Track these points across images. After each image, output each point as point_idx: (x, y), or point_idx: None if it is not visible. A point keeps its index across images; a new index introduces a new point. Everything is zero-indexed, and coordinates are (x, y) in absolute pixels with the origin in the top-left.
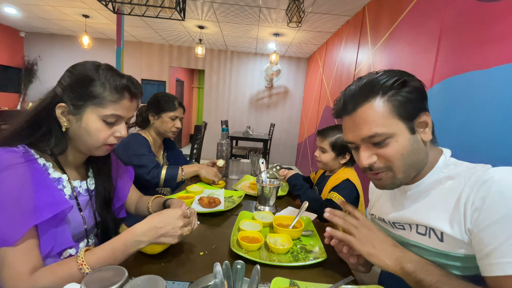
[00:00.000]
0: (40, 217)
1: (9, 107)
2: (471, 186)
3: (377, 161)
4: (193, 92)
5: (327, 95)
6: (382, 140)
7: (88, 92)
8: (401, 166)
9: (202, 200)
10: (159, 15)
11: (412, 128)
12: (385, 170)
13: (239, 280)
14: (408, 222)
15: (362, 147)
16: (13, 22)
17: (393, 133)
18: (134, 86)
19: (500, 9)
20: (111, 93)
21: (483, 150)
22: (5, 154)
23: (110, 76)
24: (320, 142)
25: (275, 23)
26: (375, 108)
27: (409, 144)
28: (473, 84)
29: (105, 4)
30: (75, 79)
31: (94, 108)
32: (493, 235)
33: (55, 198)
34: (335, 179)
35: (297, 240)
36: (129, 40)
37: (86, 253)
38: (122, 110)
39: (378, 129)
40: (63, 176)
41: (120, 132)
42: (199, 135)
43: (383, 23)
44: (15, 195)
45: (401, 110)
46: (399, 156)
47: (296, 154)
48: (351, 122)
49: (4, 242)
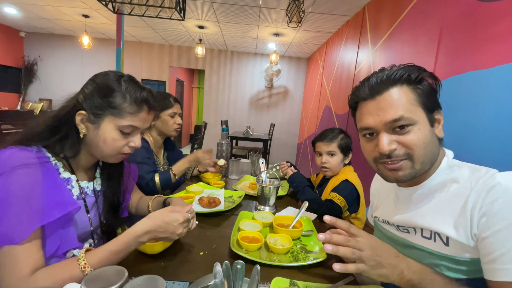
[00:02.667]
0: (48, 217)
1: (9, 107)
2: (478, 192)
3: (397, 147)
4: (193, 92)
5: (327, 95)
6: (406, 125)
7: (108, 103)
8: (421, 155)
9: (202, 200)
10: (159, 15)
11: (432, 121)
12: (404, 159)
13: (239, 280)
14: (413, 226)
15: (383, 133)
16: (13, 22)
17: (417, 121)
18: (153, 99)
19: (500, 9)
20: (131, 105)
21: (483, 150)
22: (19, 152)
23: (131, 88)
24: (327, 146)
25: (275, 23)
26: (402, 92)
27: (429, 135)
28: (473, 84)
29: (105, 4)
30: (97, 89)
31: (112, 118)
32: (501, 241)
33: (64, 198)
34: (335, 180)
35: (297, 240)
36: (129, 40)
37: (87, 254)
38: (139, 121)
39: (404, 113)
40: (72, 176)
41: (135, 143)
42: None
43: (383, 23)
44: (25, 193)
45: (425, 100)
46: (421, 144)
47: (296, 154)
48: (374, 106)
49: (10, 240)
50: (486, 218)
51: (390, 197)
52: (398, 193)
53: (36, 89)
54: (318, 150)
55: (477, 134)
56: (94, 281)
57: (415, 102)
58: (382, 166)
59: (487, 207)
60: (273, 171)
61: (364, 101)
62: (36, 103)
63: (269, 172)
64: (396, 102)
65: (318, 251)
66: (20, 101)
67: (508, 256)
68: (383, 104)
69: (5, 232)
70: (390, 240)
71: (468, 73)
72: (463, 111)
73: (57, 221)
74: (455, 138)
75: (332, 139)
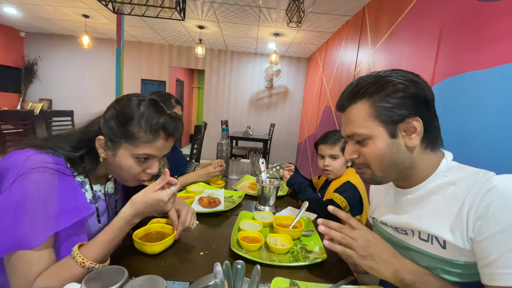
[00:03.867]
0: (64, 223)
1: (9, 107)
2: (474, 195)
3: (358, 157)
4: (193, 92)
5: (327, 95)
6: (362, 140)
7: (124, 132)
8: (378, 166)
9: (202, 200)
10: (159, 15)
11: (393, 133)
12: (364, 167)
13: (239, 280)
14: (410, 228)
15: (349, 143)
16: (13, 22)
17: (372, 135)
18: (172, 126)
19: (500, 9)
20: (146, 134)
21: (483, 150)
22: (36, 155)
23: (148, 115)
24: (330, 149)
25: (275, 23)
26: (358, 110)
27: (386, 147)
28: (473, 84)
29: (105, 4)
30: (116, 115)
31: (128, 146)
32: (496, 245)
33: (79, 203)
34: (338, 182)
35: (297, 240)
36: (129, 40)
37: (81, 249)
38: (155, 150)
39: (357, 129)
40: (85, 180)
41: (151, 170)
42: (199, 135)
43: (383, 23)
44: (42, 198)
45: (383, 114)
46: (375, 156)
47: (296, 154)
48: (343, 119)
49: (25, 245)
50: (481, 222)
51: (388, 198)
52: (396, 195)
53: (36, 89)
54: (321, 153)
55: (477, 134)
56: (94, 281)
57: (370, 118)
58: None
59: (482, 211)
60: (273, 171)
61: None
62: (36, 103)
63: (269, 172)
64: (353, 118)
65: (318, 251)
66: (20, 101)
67: (503, 260)
68: (344, 120)
69: (20, 237)
70: (388, 241)
71: (468, 73)
72: (463, 111)
73: (72, 227)
74: (455, 138)
75: (335, 142)
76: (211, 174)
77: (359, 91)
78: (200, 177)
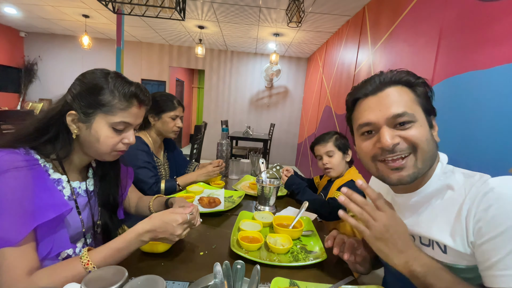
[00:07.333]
0: (42, 217)
1: (9, 107)
2: (471, 199)
3: (400, 142)
4: (193, 92)
5: (327, 95)
6: (407, 122)
7: (98, 101)
8: (425, 152)
9: (202, 200)
10: (159, 15)
11: (430, 123)
12: (409, 154)
13: (239, 280)
14: (411, 233)
15: (385, 127)
16: (13, 22)
17: (418, 119)
18: (142, 94)
19: (500, 9)
20: (120, 100)
21: (483, 150)
22: (6, 156)
23: (119, 84)
24: (324, 148)
25: (275, 23)
26: (405, 91)
27: (429, 134)
28: (473, 84)
29: (105, 4)
30: (85, 88)
31: (104, 116)
32: (496, 247)
33: (56, 199)
34: (340, 181)
35: (297, 240)
36: (129, 40)
37: (90, 253)
38: (131, 117)
39: (407, 109)
40: (62, 177)
41: (129, 139)
42: (199, 135)
43: (383, 23)
44: (17, 197)
45: (425, 102)
46: (424, 139)
47: (296, 154)
48: (376, 102)
49: (5, 242)
50: (481, 225)
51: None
52: (394, 199)
53: (36, 89)
54: (317, 154)
55: (477, 134)
56: (94, 281)
57: (416, 102)
58: (382, 166)
59: (481, 214)
60: (273, 171)
61: (365, 97)
62: (36, 103)
63: (269, 172)
64: (397, 98)
65: (318, 251)
66: (20, 101)
67: (504, 262)
68: (385, 100)
69: (1, 235)
70: None
71: (468, 73)
72: (463, 111)
73: (49, 223)
74: (455, 137)
75: (327, 140)
76: (211, 173)
77: (401, 77)
78: (200, 177)
